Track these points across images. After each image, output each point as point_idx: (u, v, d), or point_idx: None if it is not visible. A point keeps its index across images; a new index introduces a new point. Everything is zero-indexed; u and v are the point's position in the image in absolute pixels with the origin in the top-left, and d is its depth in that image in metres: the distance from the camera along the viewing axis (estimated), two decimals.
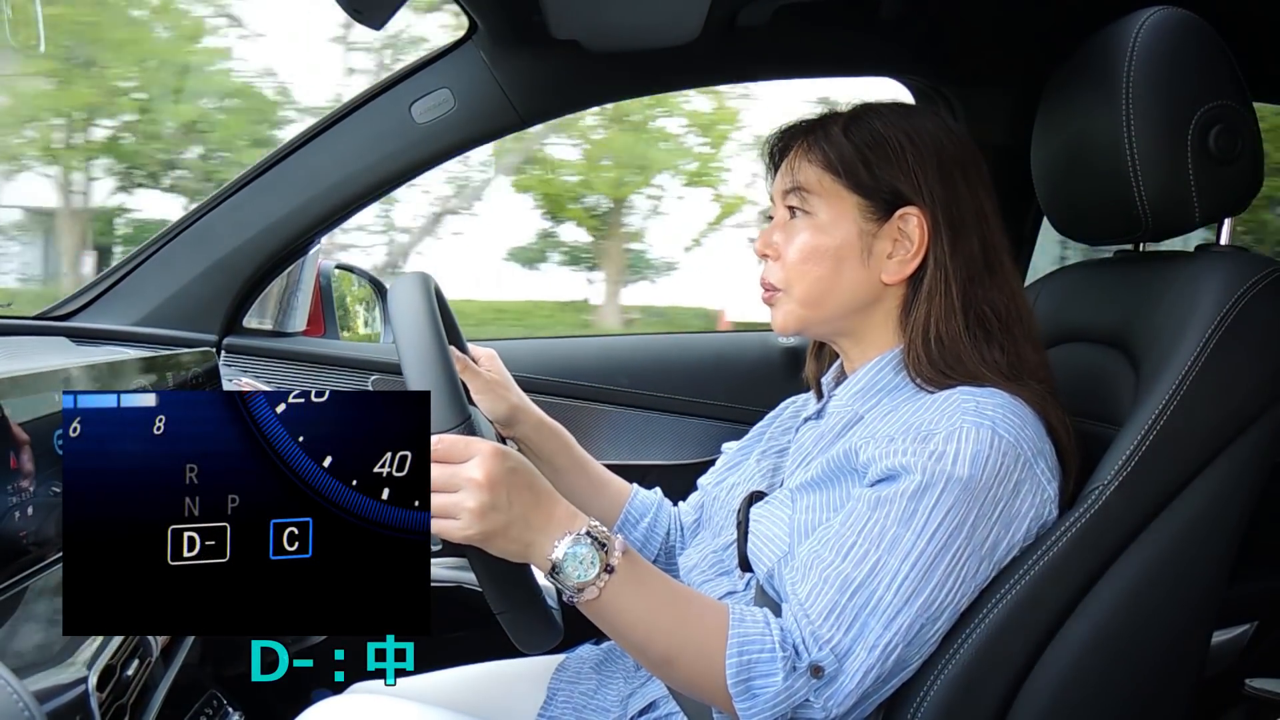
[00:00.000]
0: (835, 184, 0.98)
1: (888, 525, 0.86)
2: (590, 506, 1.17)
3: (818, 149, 0.99)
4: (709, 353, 1.76)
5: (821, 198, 0.98)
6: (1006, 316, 0.96)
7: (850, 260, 0.98)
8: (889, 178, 0.97)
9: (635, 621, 0.86)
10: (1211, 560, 0.94)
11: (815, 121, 1.02)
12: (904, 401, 0.95)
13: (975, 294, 0.95)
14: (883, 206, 0.97)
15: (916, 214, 0.96)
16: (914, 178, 0.96)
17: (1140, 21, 1.01)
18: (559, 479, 1.19)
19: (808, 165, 0.99)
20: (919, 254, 0.96)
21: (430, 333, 0.92)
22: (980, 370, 0.93)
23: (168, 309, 1.50)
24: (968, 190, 0.97)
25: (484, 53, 1.47)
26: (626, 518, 1.22)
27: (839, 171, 0.97)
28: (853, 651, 0.84)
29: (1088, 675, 0.92)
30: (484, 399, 1.17)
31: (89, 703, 0.73)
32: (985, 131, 1.58)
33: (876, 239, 0.97)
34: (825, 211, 0.98)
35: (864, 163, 0.97)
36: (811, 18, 1.50)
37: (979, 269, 0.96)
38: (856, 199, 0.97)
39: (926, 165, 0.97)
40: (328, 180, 1.49)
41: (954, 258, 0.95)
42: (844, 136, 0.98)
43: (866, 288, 0.98)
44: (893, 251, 0.97)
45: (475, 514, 0.79)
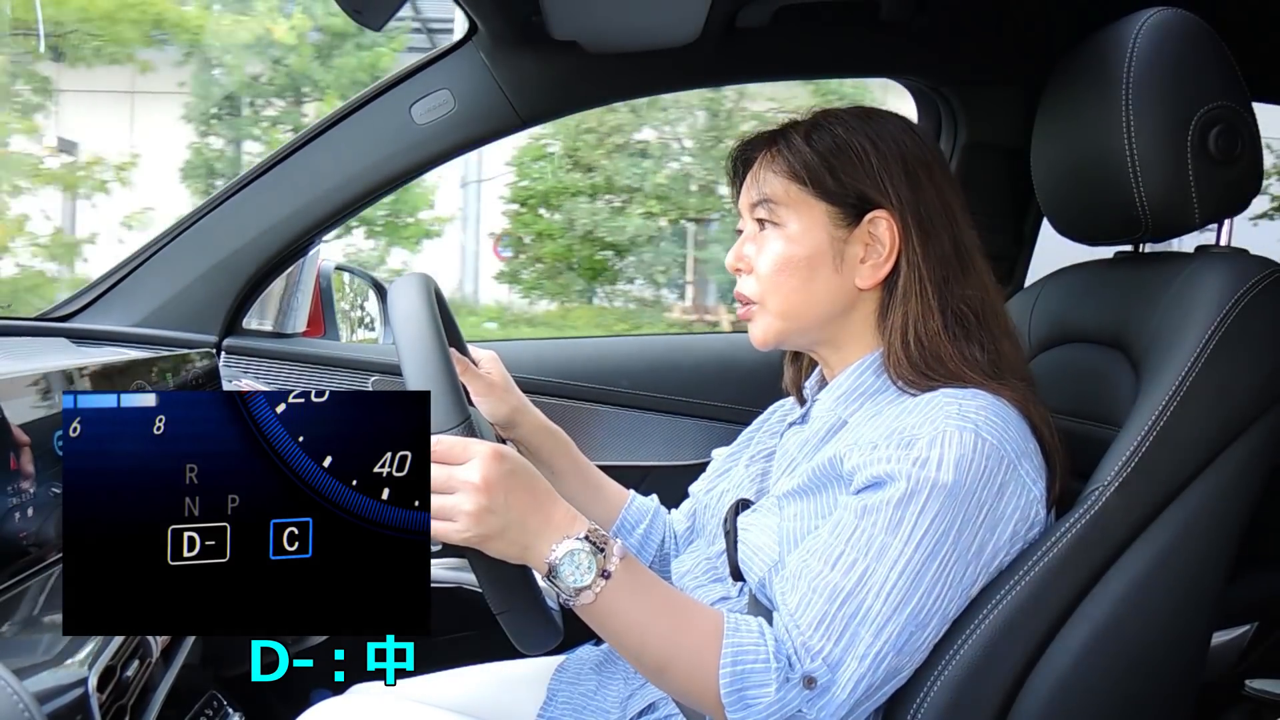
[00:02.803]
0: (802, 193, 0.98)
1: (875, 533, 0.85)
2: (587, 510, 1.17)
3: (781, 159, 0.99)
4: (708, 354, 1.76)
5: (790, 208, 0.98)
6: (983, 313, 0.96)
7: (823, 268, 0.97)
8: (854, 183, 0.96)
9: (631, 627, 0.86)
10: (1211, 561, 0.94)
11: (776, 132, 1.02)
12: (886, 405, 0.95)
13: (951, 293, 0.95)
14: (851, 212, 0.97)
15: (885, 217, 0.96)
16: (879, 181, 0.96)
17: (1140, 22, 1.01)
18: (557, 482, 1.19)
19: (773, 176, 0.99)
20: (891, 257, 0.96)
21: (430, 334, 0.92)
22: (961, 369, 0.92)
23: (168, 310, 1.50)
24: (934, 190, 0.97)
25: (484, 53, 1.47)
26: (623, 523, 1.22)
27: (804, 180, 0.97)
28: (844, 662, 0.84)
29: (1088, 676, 0.92)
30: (485, 402, 1.17)
31: (89, 703, 0.72)
32: (985, 132, 1.58)
33: (848, 245, 0.97)
34: (795, 221, 0.98)
35: (828, 169, 0.97)
36: (812, 19, 1.50)
37: (953, 268, 0.96)
38: (825, 206, 0.97)
39: (891, 168, 0.96)
40: (328, 181, 1.49)
41: (926, 258, 0.95)
42: (806, 144, 0.98)
43: (841, 294, 0.98)
44: (865, 256, 0.97)
45: (472, 516, 0.79)
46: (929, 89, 1.63)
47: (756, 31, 1.49)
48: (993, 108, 1.58)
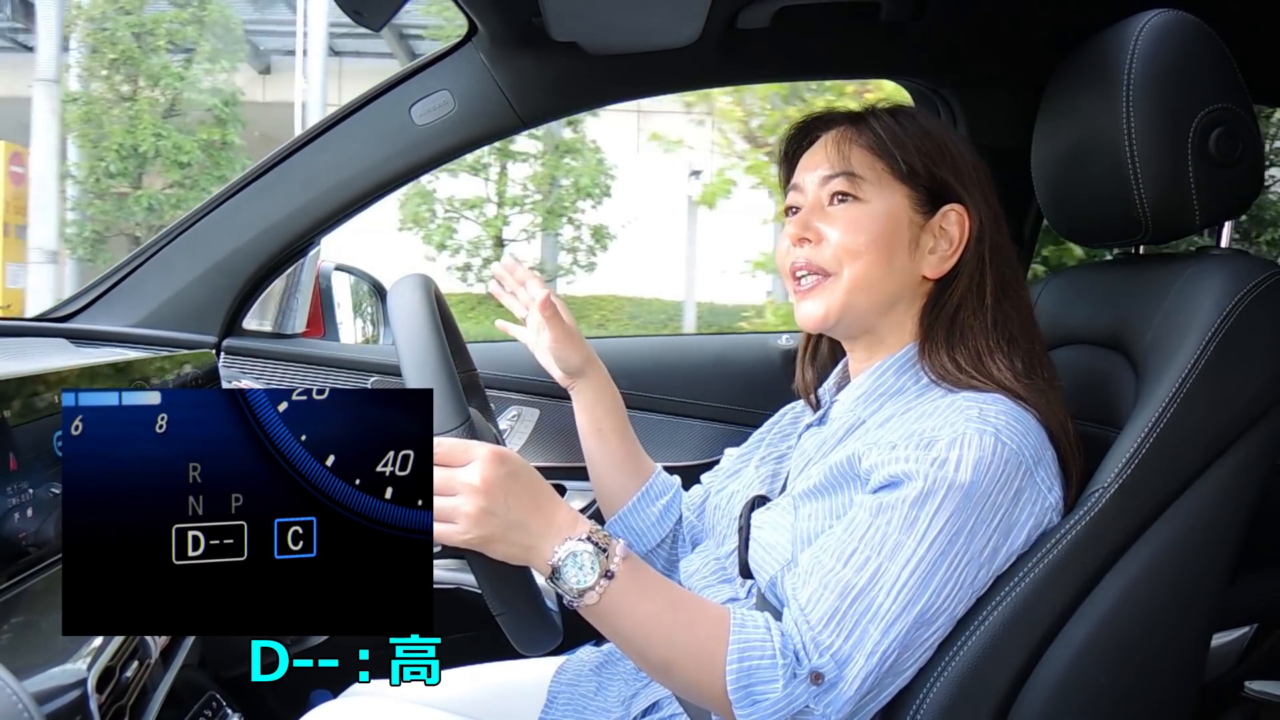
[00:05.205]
0: (887, 172, 0.98)
1: (889, 532, 0.85)
2: (621, 475, 1.21)
3: (869, 134, 0.99)
4: (708, 355, 1.76)
5: (873, 185, 0.98)
6: (1027, 322, 0.98)
7: (899, 250, 0.97)
8: (940, 171, 0.97)
9: (635, 626, 0.85)
10: (1211, 563, 0.94)
11: (857, 112, 1.02)
12: (906, 406, 0.95)
13: (1006, 295, 0.97)
14: (929, 200, 0.98)
15: (960, 211, 0.97)
16: (960, 176, 0.98)
17: (1141, 24, 1.01)
18: (601, 442, 1.21)
19: (859, 150, 0.98)
20: (958, 251, 0.97)
21: (430, 334, 0.92)
22: (992, 371, 0.93)
23: (167, 310, 1.50)
24: (995, 201, 1.00)
25: (484, 54, 1.47)
26: (648, 491, 1.22)
27: (895, 158, 0.97)
28: (852, 658, 0.84)
29: (1087, 677, 0.92)
30: (562, 347, 1.18)
31: (88, 704, 0.72)
32: (985, 134, 1.58)
33: (923, 232, 0.98)
34: (878, 199, 0.98)
35: (919, 151, 0.97)
36: (812, 20, 1.50)
37: (1012, 271, 0.98)
38: (906, 190, 0.98)
39: (969, 165, 0.99)
40: (327, 182, 1.49)
41: (992, 260, 0.97)
42: (895, 124, 0.99)
43: (908, 280, 0.98)
44: (934, 247, 0.98)
45: (473, 518, 0.79)
46: (929, 90, 1.63)
47: (756, 32, 1.49)
48: (993, 109, 1.58)
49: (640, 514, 1.20)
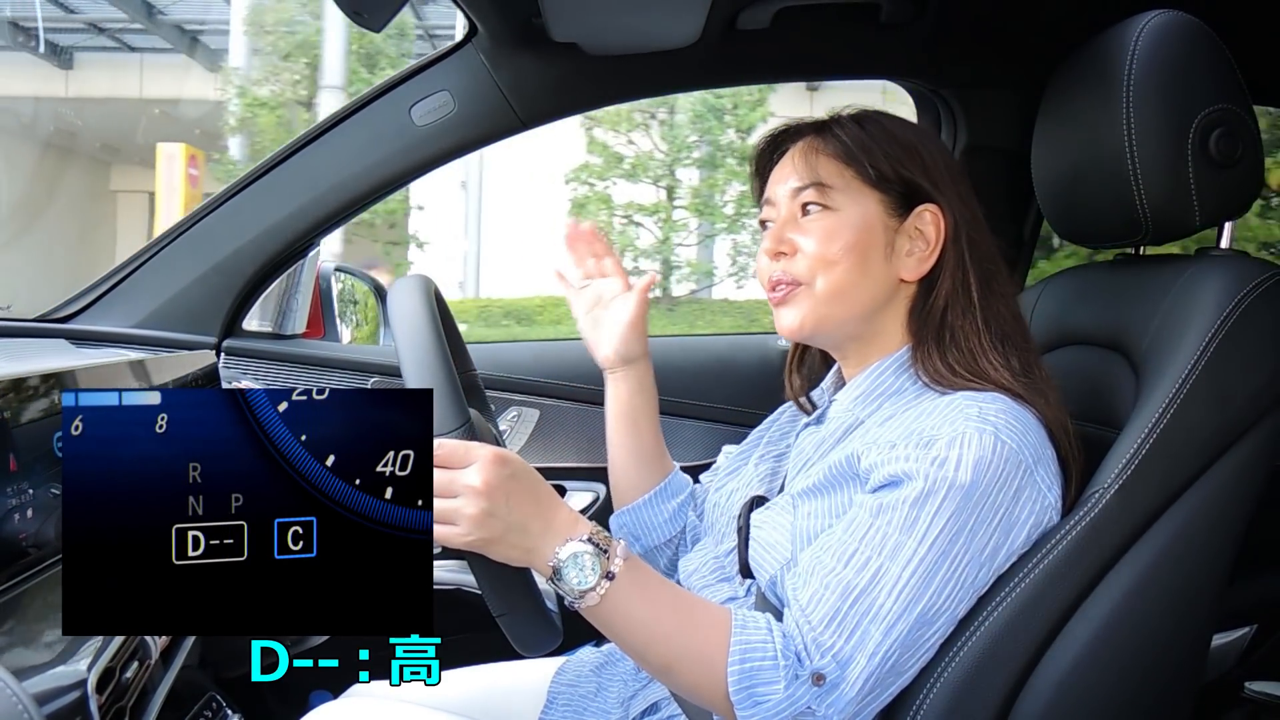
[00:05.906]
0: (856, 178, 0.98)
1: (889, 532, 0.85)
2: (644, 468, 1.20)
3: (834, 143, 0.99)
4: (708, 356, 1.76)
5: (843, 192, 0.98)
6: (1015, 318, 0.97)
7: (875, 255, 0.97)
8: (908, 173, 0.97)
9: (637, 626, 0.85)
10: (1211, 564, 0.94)
11: (822, 121, 1.02)
12: (905, 406, 0.95)
13: (992, 292, 0.97)
14: (901, 203, 0.98)
15: (934, 211, 0.97)
16: (931, 176, 0.97)
17: (1141, 25, 1.01)
18: (635, 433, 1.19)
19: (826, 159, 0.99)
20: (935, 251, 0.97)
21: (430, 335, 0.92)
22: (989, 371, 0.93)
23: (167, 311, 1.50)
24: (970, 197, 0.99)
25: (484, 55, 1.47)
26: (666, 488, 1.21)
27: (862, 164, 0.97)
28: (854, 659, 0.84)
29: (1087, 678, 0.92)
30: (635, 329, 1.16)
31: (88, 705, 0.72)
32: (985, 135, 1.58)
33: (898, 235, 0.98)
34: (850, 207, 0.98)
35: (885, 155, 0.97)
36: (812, 20, 1.50)
37: (995, 268, 0.98)
38: (877, 194, 0.98)
39: (940, 164, 0.98)
40: (327, 183, 1.49)
41: (972, 257, 0.97)
42: (860, 131, 0.99)
43: (886, 284, 0.98)
44: (910, 249, 0.98)
45: (473, 520, 0.79)
46: (929, 91, 1.63)
47: (757, 33, 1.49)
48: (993, 110, 1.58)
49: (654, 509, 1.20)
